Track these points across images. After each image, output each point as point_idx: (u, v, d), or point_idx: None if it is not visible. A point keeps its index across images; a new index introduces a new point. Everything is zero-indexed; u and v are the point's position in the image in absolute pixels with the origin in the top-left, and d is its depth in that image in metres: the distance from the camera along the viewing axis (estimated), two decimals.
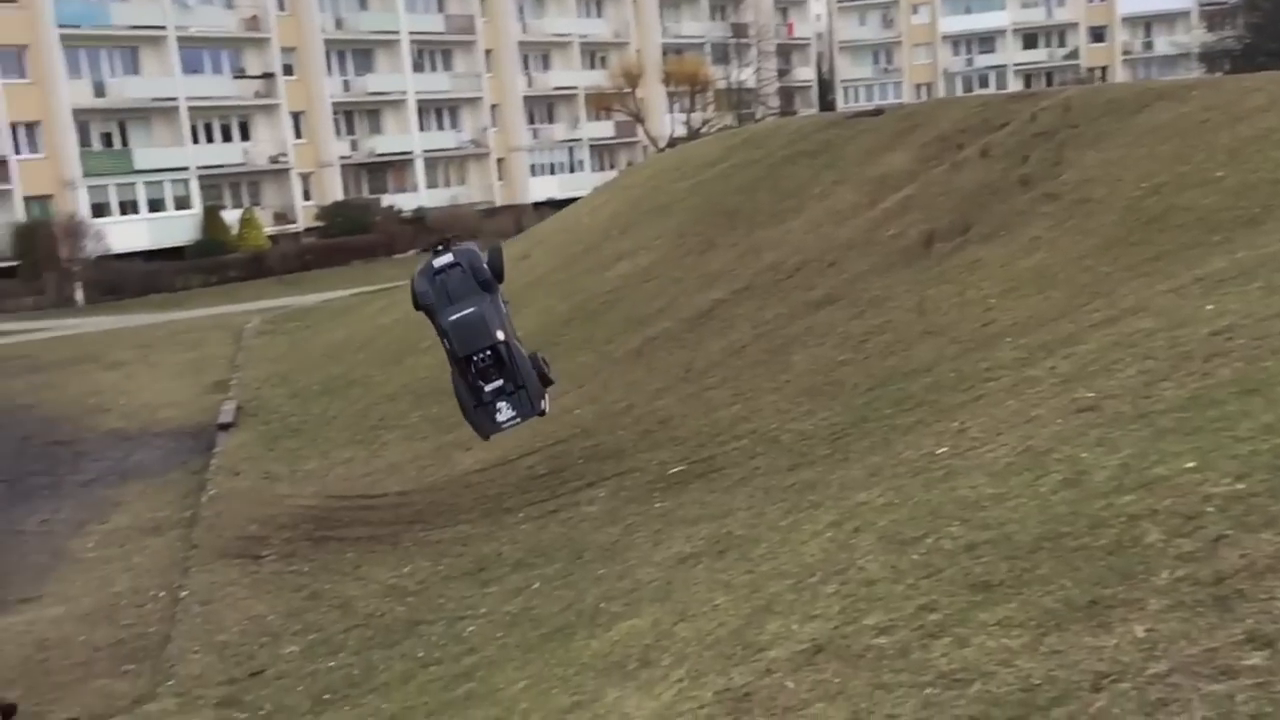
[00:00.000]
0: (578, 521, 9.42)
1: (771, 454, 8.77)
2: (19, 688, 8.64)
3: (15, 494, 15.62)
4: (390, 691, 6.65)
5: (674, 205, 19.28)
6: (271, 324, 28.64)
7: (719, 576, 5.79)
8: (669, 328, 14.21)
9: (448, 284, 6.79)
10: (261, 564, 10.57)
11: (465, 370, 7.34)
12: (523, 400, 6.95)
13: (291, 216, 48.59)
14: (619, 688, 4.38)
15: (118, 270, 39.98)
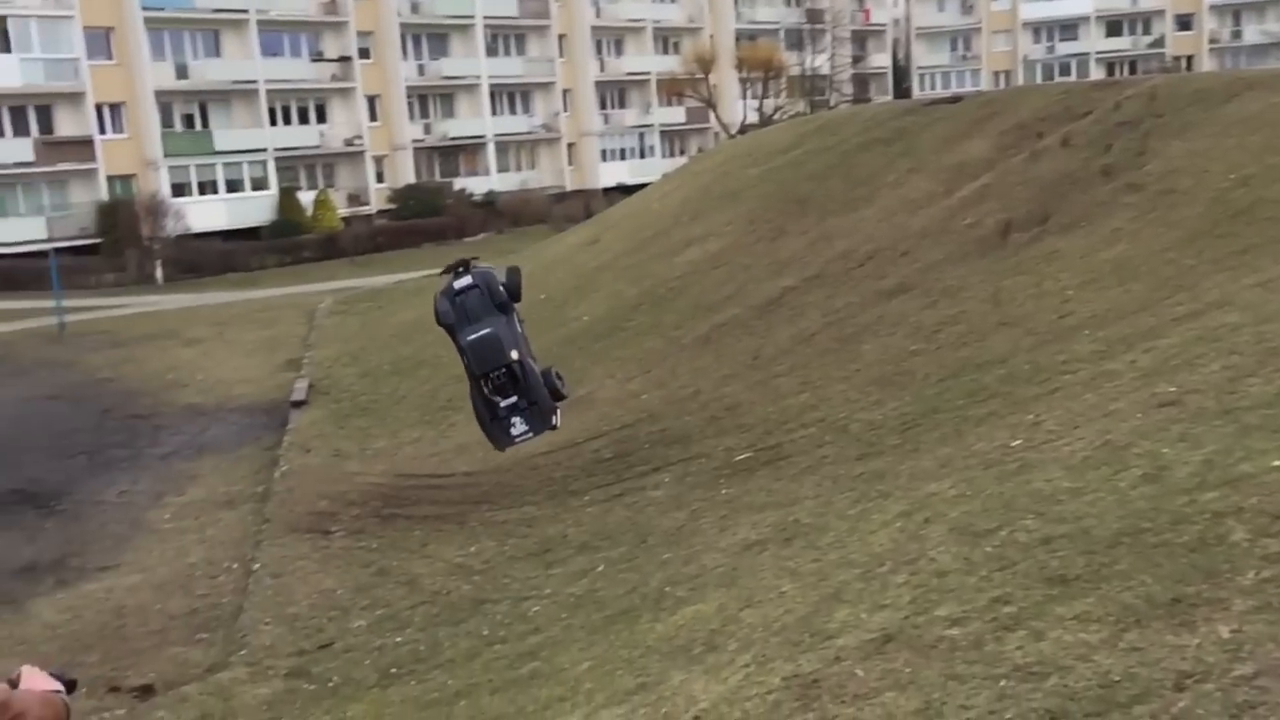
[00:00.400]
0: (643, 506, 9.42)
1: (840, 443, 8.69)
2: (97, 652, 8.89)
3: (96, 465, 16.04)
4: (455, 668, 6.71)
5: (745, 192, 19.17)
6: (344, 304, 29.04)
7: (786, 564, 5.74)
8: (738, 314, 14.14)
9: (466, 304, 7.03)
10: (331, 539, 10.73)
11: (481, 386, 7.51)
12: (535, 416, 7.17)
13: (365, 199, 49.21)
14: (684, 671, 4.36)
15: (196, 249, 40.79)
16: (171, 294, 36.28)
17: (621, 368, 14.42)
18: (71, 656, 8.78)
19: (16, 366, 24.33)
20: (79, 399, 20.92)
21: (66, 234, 40.09)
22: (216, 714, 6.88)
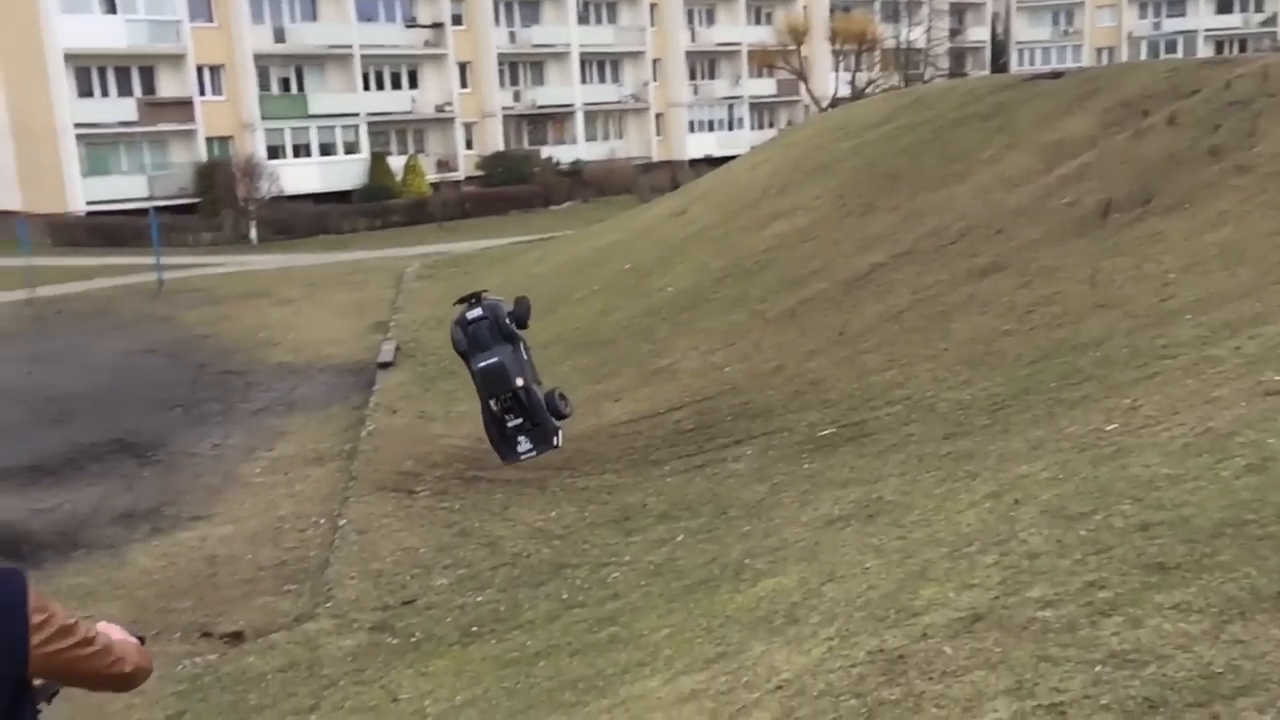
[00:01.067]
0: (724, 478, 9.40)
1: (926, 422, 8.57)
2: (190, 598, 9.18)
3: (191, 418, 16.50)
4: (535, 629, 6.79)
5: (835, 165, 18.93)
6: (431, 269, 29.39)
7: (869, 540, 5.70)
8: (824, 289, 14.00)
9: (477, 333, 7.50)
10: (415, 499, 10.91)
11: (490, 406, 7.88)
12: (538, 436, 7.61)
13: (453, 165, 49.69)
14: (765, 642, 4.35)
15: (290, 211, 41.58)
16: (265, 254, 37.06)
17: (705, 339, 14.38)
18: (166, 602, 9.09)
19: (117, 321, 25.11)
20: (176, 354, 21.53)
21: (166, 193, 41.19)
22: (303, 662, 7.05)
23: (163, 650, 8.08)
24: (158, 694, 6.80)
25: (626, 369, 14.55)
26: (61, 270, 31.49)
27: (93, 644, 2.52)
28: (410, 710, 5.73)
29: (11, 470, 13.87)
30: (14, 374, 19.83)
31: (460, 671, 6.27)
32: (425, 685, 6.14)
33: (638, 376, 14.05)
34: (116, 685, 2.65)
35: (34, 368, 20.42)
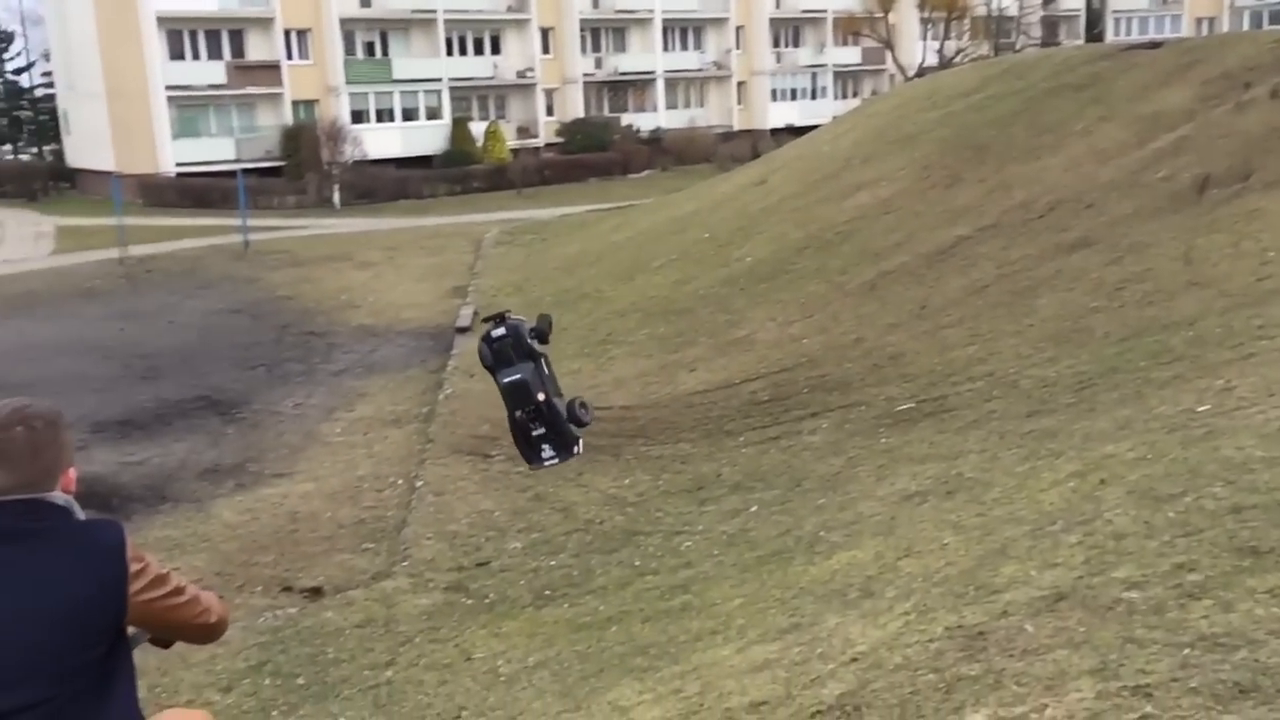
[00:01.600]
0: (799, 450, 9.34)
1: (1009, 398, 8.41)
2: (272, 553, 9.39)
3: (274, 378, 16.85)
4: (607, 595, 6.82)
5: (921, 136, 18.59)
6: (509, 235, 29.57)
7: (947, 516, 5.61)
8: (906, 262, 13.79)
9: (501, 351, 7.95)
10: (490, 463, 11.02)
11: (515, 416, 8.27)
12: (560, 445, 7.94)
13: (533, 131, 49.82)
14: (839, 615, 4.32)
15: (372, 175, 42.09)
16: (347, 218, 37.59)
17: (782, 311, 14.27)
18: (249, 556, 9.31)
19: (204, 280, 25.69)
20: (260, 314, 21.99)
21: (253, 156, 41.95)
22: (380, 619, 7.18)
23: (245, 603, 8.29)
24: (240, 644, 6.97)
25: (702, 339, 14.50)
26: (152, 230, 32.27)
27: (183, 594, 2.61)
28: (484, 669, 5.80)
29: (104, 424, 14.31)
30: (107, 331, 20.43)
31: (533, 634, 6.33)
32: (498, 645, 6.21)
33: (714, 346, 14.00)
34: (202, 634, 2.73)
35: (126, 325, 21.01)
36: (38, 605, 2.32)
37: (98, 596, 2.39)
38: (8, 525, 2.40)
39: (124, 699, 2.46)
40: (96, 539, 2.47)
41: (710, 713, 3.41)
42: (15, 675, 2.24)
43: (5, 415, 2.47)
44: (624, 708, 3.99)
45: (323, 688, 6.08)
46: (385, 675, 6.06)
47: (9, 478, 2.42)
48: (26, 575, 2.35)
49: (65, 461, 2.53)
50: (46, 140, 53.68)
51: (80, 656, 2.34)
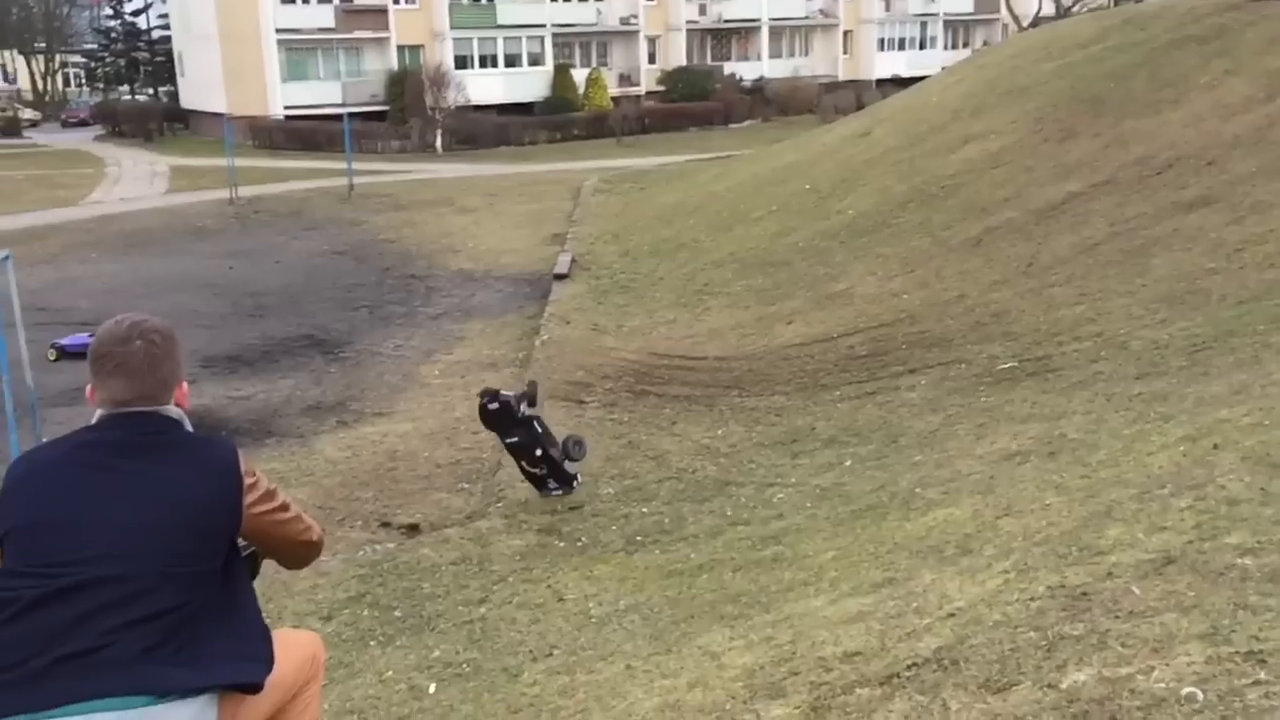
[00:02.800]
0: (896, 406, 9.22)
1: (1117, 360, 8.17)
2: (371, 489, 9.61)
3: (376, 319, 17.18)
4: (698, 543, 6.84)
5: (1034, 88, 18.01)
6: (608, 183, 29.55)
7: (1049, 477, 5.49)
8: (1014, 218, 13.43)
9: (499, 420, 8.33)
10: (585, 409, 11.10)
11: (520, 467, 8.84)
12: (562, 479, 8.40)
13: (635, 79, 49.57)
14: (935, 571, 4.26)
15: (474, 121, 42.38)
16: (448, 163, 37.96)
17: (883, 265, 14.05)
18: (349, 491, 9.55)
19: (310, 222, 26.24)
20: (363, 257, 22.40)
21: (359, 100, 42.53)
22: (474, 557, 7.31)
23: (345, 536, 8.52)
24: (340, 576, 7.17)
25: (800, 291, 14.37)
26: (260, 171, 33.01)
27: (289, 510, 2.68)
28: (575, 610, 5.87)
29: (213, 359, 14.76)
30: (217, 269, 21.02)
31: (624, 578, 6.39)
32: (590, 588, 6.28)
33: (811, 299, 13.86)
34: (305, 551, 2.81)
35: (235, 264, 21.59)
36: (166, 513, 2.39)
37: (217, 506, 2.46)
38: (133, 437, 2.48)
39: (251, 609, 2.54)
40: (213, 452, 2.54)
41: (803, 661, 3.40)
42: (153, 581, 2.31)
43: (124, 329, 2.53)
44: (715, 653, 4.00)
45: (419, 621, 6.22)
46: (479, 612, 6.18)
47: (129, 390, 2.49)
48: (154, 484, 2.42)
49: (180, 375, 2.59)
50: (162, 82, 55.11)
51: (207, 563, 2.41)
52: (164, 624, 2.29)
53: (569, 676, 4.53)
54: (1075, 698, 2.49)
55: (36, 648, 2.23)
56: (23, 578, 2.32)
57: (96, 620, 2.25)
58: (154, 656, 2.26)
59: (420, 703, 4.77)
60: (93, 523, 2.36)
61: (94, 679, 2.21)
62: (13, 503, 2.44)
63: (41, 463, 2.51)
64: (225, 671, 2.35)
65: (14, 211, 27.64)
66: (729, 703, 3.24)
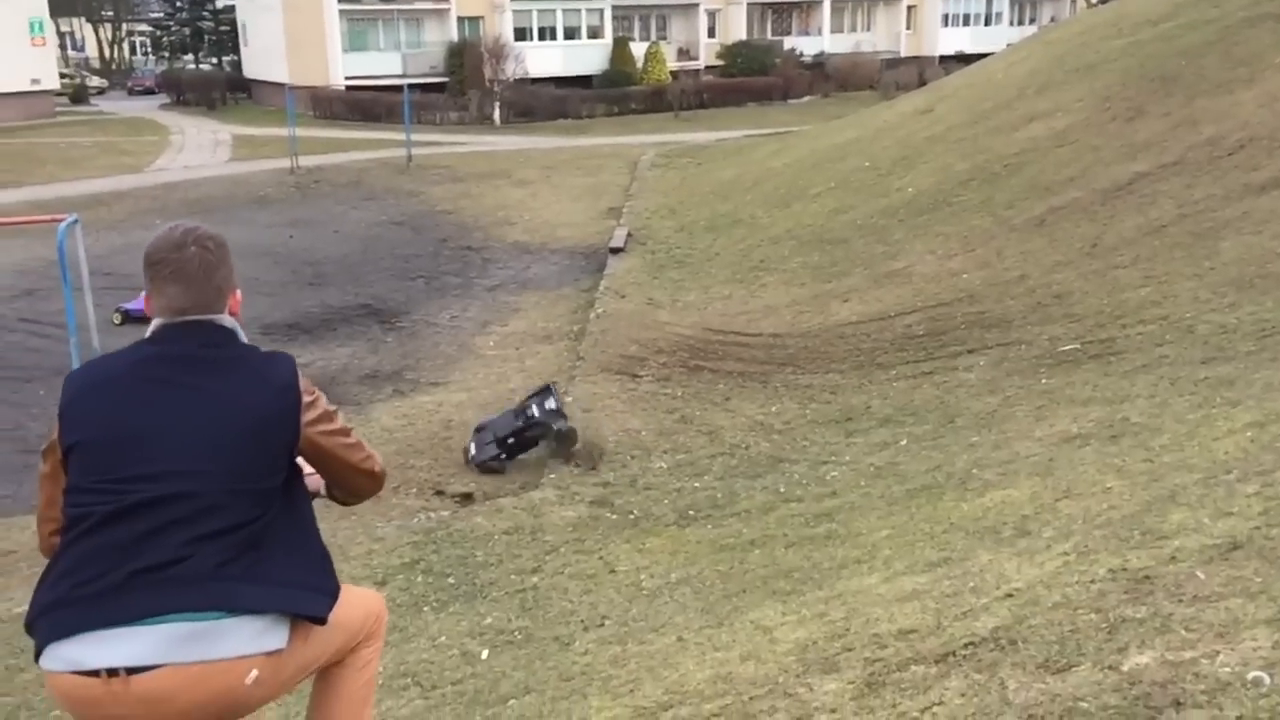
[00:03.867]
0: (953, 386, 9.12)
1: (1183, 344, 8.00)
2: (426, 458, 9.71)
3: (432, 290, 17.31)
4: (751, 519, 6.83)
5: (1102, 66, 17.64)
6: (665, 158, 29.45)
7: (1111, 461, 5.40)
8: (1078, 198, 13.19)
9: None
10: (639, 383, 11.10)
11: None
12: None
13: (694, 53, 49.26)
14: (992, 552, 4.22)
15: (532, 93, 42.38)
16: (506, 135, 38.03)
17: (943, 244, 13.88)
18: (405, 459, 9.65)
19: (369, 193, 26.45)
20: (420, 228, 22.56)
21: (418, 71, 42.73)
22: (527, 527, 7.36)
23: (401, 503, 8.63)
24: (395, 542, 7.26)
25: (858, 269, 14.24)
26: (321, 141, 33.31)
27: (350, 435, 2.66)
28: (627, 582, 5.90)
29: (273, 326, 14.97)
30: (277, 238, 21.28)
31: (676, 551, 6.40)
32: (642, 560, 6.30)
33: (869, 278, 13.74)
34: (364, 482, 2.75)
35: (294, 233, 21.84)
36: (228, 429, 2.39)
37: (276, 421, 2.45)
38: (192, 351, 2.48)
39: (315, 537, 2.55)
40: (273, 368, 2.52)
41: (856, 637, 3.39)
42: (220, 497, 2.34)
43: (178, 236, 2.52)
44: (767, 627, 4.00)
45: (471, 588, 6.28)
46: (531, 581, 6.22)
47: (185, 297, 2.49)
48: (215, 400, 2.42)
49: (233, 283, 2.59)
50: (225, 51, 55.71)
51: (269, 480, 2.42)
52: (233, 540, 2.32)
53: (620, 646, 4.55)
54: (1137, 680, 2.46)
55: (111, 563, 2.27)
56: (92, 494, 2.35)
57: (168, 535, 2.29)
58: (226, 572, 2.29)
59: (473, 668, 4.82)
60: (158, 439, 2.37)
61: (169, 593, 2.25)
62: (76, 416, 2.44)
63: (104, 377, 2.50)
64: (294, 597, 2.38)
65: (81, 177, 28.16)
66: (781, 676, 3.24)
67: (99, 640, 2.22)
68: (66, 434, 2.43)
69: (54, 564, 2.37)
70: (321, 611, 2.44)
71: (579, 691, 3.86)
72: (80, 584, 2.27)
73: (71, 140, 35.50)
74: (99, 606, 2.24)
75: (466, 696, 4.31)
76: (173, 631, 2.22)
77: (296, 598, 2.38)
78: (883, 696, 2.80)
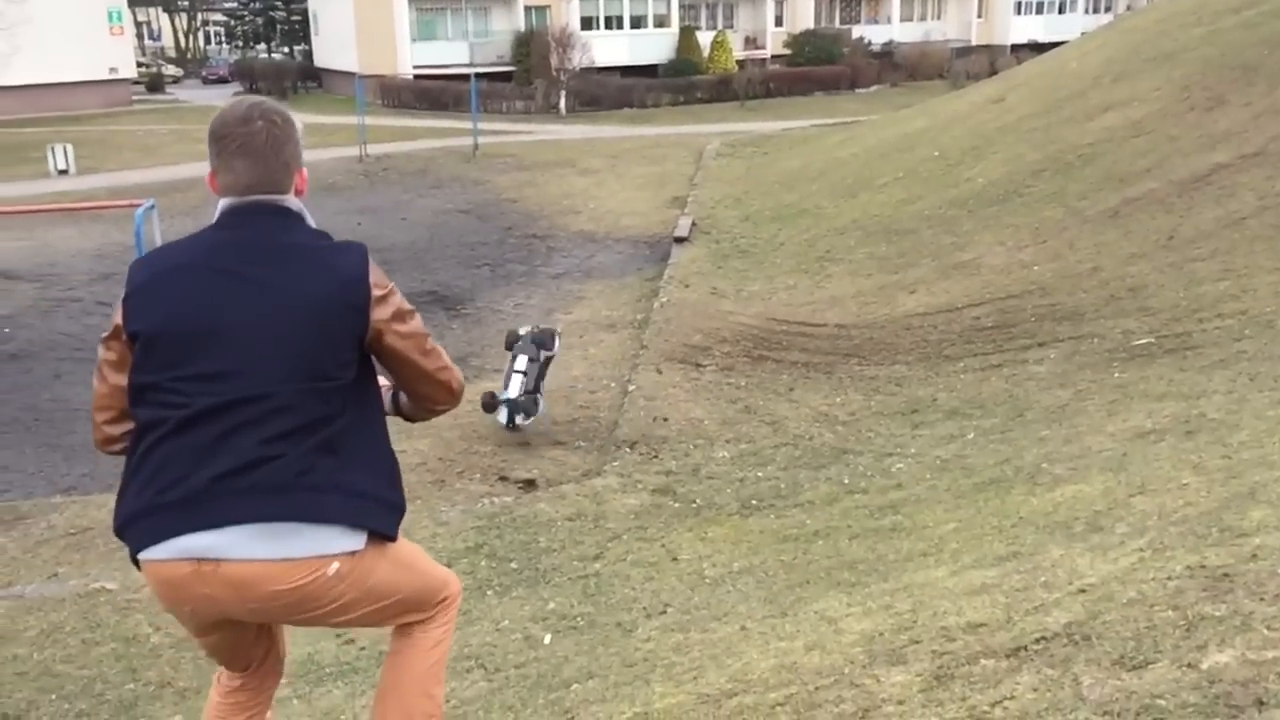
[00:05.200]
0: (1023, 379, 8.98)
1: (1263, 339, 7.80)
2: (490, 444, 9.77)
3: (497, 277, 17.42)
4: (814, 509, 6.79)
5: (1181, 54, 17.22)
6: (730, 147, 29.32)
7: (1187, 457, 5.28)
8: (1155, 189, 12.90)
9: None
10: (702, 372, 11.08)
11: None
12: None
13: (760, 42, 48.97)
14: (1063, 547, 4.14)
15: (597, 82, 42.41)
16: (571, 124, 38.11)
17: (1013, 235, 13.66)
18: (469, 445, 9.72)
19: (435, 181, 26.67)
20: (485, 216, 22.70)
21: (485, 60, 42.98)
22: (589, 514, 7.38)
23: (465, 488, 8.69)
24: (460, 526, 7.32)
25: (925, 260, 14.07)
26: (389, 130, 33.64)
27: (428, 341, 2.59)
28: (689, 570, 5.89)
29: None
30: (346, 224, 21.53)
31: (738, 541, 6.38)
32: (704, 549, 6.29)
33: (937, 269, 13.57)
34: (439, 393, 2.68)
35: (363, 220, 22.10)
36: (298, 324, 2.36)
37: (343, 313, 2.39)
38: (259, 239, 2.42)
39: (386, 438, 2.53)
40: (341, 255, 2.46)
41: (924, 629, 3.34)
42: (293, 399, 2.33)
43: (245, 109, 2.45)
44: (832, 618, 3.96)
45: (534, 574, 6.31)
46: (594, 567, 6.24)
47: (252, 173, 2.42)
48: (283, 293, 2.37)
49: (300, 160, 2.52)
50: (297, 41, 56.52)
51: (338, 376, 2.38)
52: (309, 444, 2.33)
53: (683, 634, 4.54)
54: (1217, 679, 2.40)
55: (190, 468, 2.29)
56: (162, 395, 2.34)
57: (243, 437, 2.30)
58: (306, 481, 2.31)
59: (535, 652, 4.85)
60: (225, 336, 2.34)
61: (251, 502, 2.28)
62: (141, 305, 2.42)
63: (170, 265, 2.45)
64: (368, 511, 2.40)
65: (158, 164, 28.74)
66: (847, 667, 3.21)
67: (189, 537, 2.29)
68: (131, 321, 2.41)
69: (134, 471, 2.38)
70: (391, 531, 2.47)
71: (642, 678, 3.86)
72: (162, 490, 2.30)
73: (148, 128, 36.24)
74: (184, 514, 2.28)
75: (530, 680, 4.33)
76: (258, 530, 2.28)
77: (371, 511, 2.41)
78: (951, 689, 2.76)
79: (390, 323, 2.48)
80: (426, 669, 2.72)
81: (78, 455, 10.20)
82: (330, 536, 2.34)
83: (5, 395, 12.31)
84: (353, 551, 2.37)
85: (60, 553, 7.52)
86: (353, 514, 2.37)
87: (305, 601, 2.37)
